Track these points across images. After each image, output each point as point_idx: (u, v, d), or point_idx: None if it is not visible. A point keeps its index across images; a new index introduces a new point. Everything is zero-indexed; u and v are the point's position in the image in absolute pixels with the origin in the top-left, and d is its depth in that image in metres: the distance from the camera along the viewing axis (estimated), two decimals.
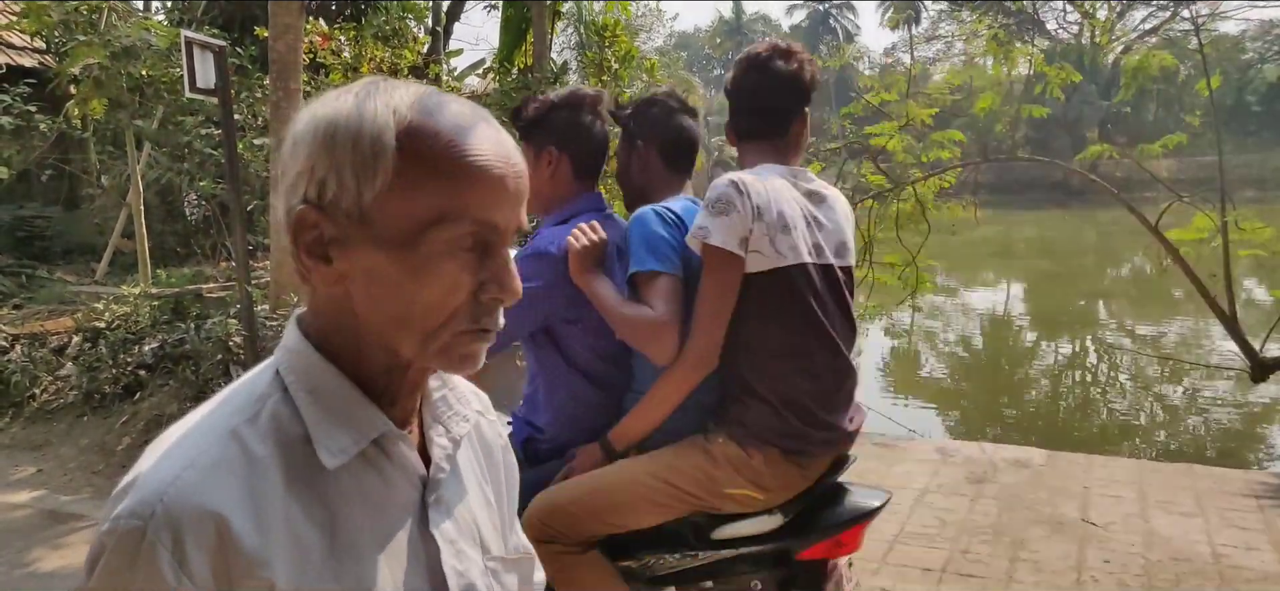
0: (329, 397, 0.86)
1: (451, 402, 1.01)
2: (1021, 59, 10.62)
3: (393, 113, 0.81)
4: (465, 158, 0.80)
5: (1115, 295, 21.52)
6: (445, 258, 0.81)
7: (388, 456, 0.90)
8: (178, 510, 0.74)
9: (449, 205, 0.80)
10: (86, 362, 6.40)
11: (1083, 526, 5.60)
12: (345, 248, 0.82)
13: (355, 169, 0.80)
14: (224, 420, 0.82)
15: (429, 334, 0.83)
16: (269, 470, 0.80)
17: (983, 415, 11.11)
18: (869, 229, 9.03)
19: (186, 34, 5.37)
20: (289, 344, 0.89)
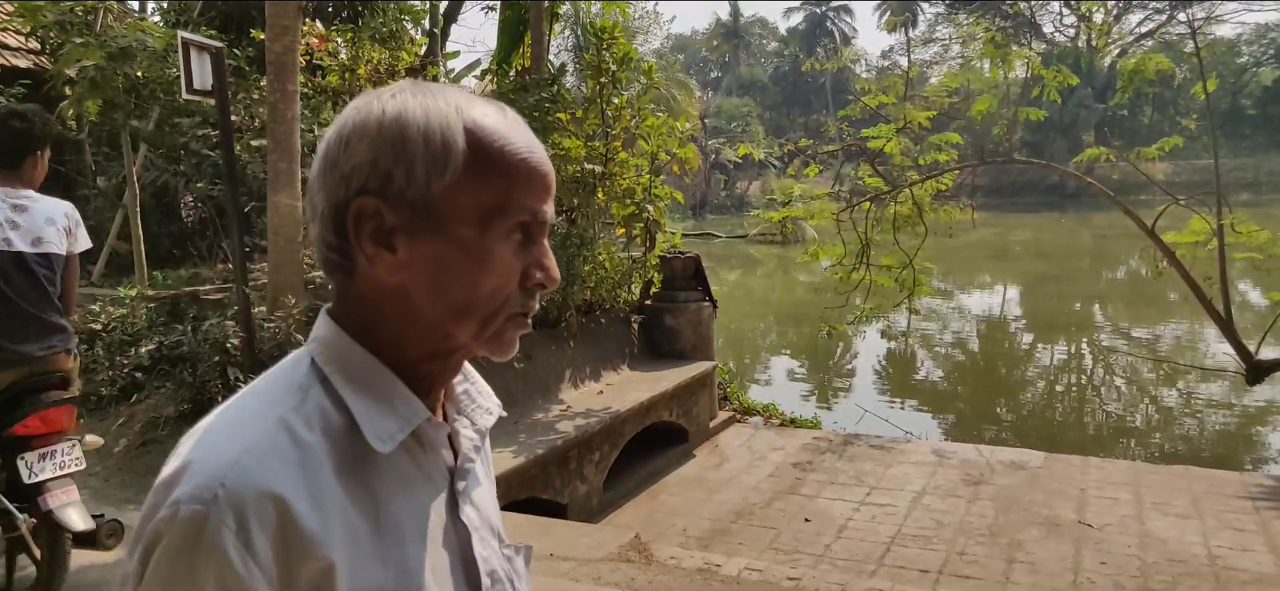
0: (371, 386, 0.88)
1: (474, 396, 1.04)
2: (1019, 62, 10.64)
3: (458, 112, 0.87)
4: (518, 154, 0.86)
5: (1111, 298, 21.56)
6: (504, 245, 0.86)
7: (422, 446, 0.92)
8: (240, 492, 0.74)
9: (508, 197, 0.86)
10: (83, 365, 6.37)
11: (1079, 528, 5.62)
12: (410, 236, 0.86)
13: (427, 162, 0.85)
14: (269, 408, 0.83)
15: (487, 318, 0.88)
16: (318, 456, 0.82)
17: (979, 417, 11.13)
18: (866, 231, 9.05)
19: (184, 35, 5.36)
20: (324, 335, 0.91)
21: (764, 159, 39.94)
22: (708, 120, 47.81)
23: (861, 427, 8.98)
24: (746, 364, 15.47)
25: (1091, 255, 29.74)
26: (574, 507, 6.08)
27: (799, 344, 16.58)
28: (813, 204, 10.27)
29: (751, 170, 47.15)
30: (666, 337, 8.29)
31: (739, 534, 5.78)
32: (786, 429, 8.34)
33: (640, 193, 8.04)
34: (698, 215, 42.99)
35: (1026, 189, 49.77)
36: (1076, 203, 46.81)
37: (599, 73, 7.71)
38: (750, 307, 21.21)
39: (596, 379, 7.53)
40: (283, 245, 6.07)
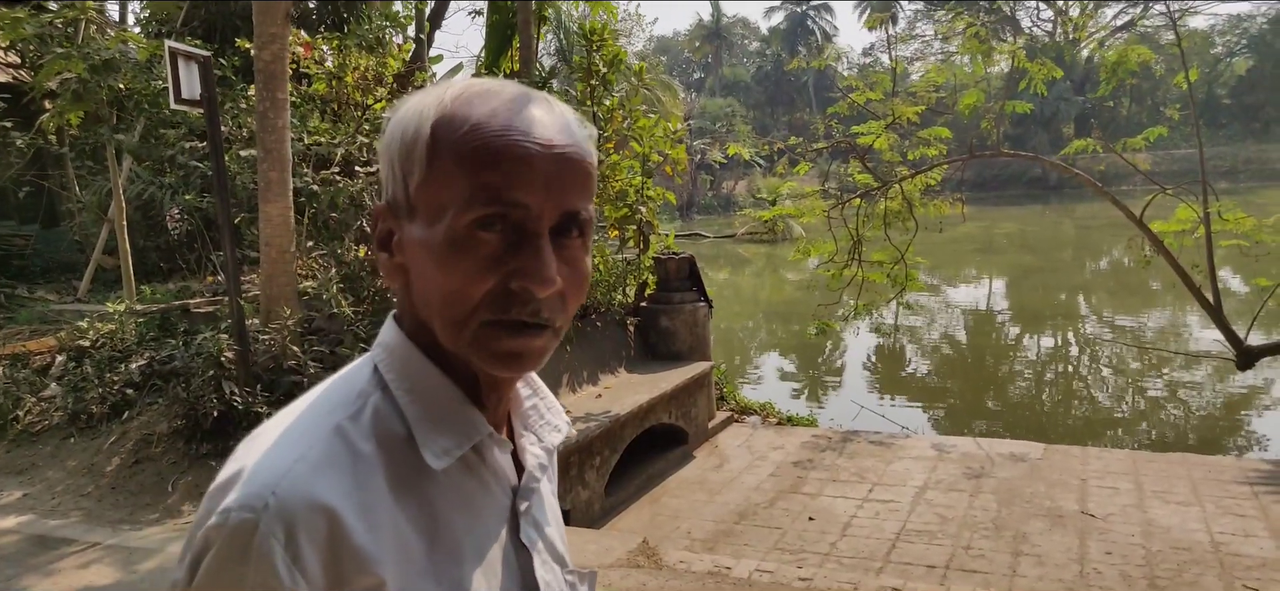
0: (430, 397, 0.84)
1: (542, 412, 0.99)
2: (1002, 56, 10.66)
3: (438, 102, 0.80)
4: (488, 137, 0.77)
5: (1096, 288, 21.70)
6: (465, 243, 0.78)
7: (484, 461, 0.88)
8: (291, 503, 0.72)
9: (471, 186, 0.77)
10: (72, 382, 6.28)
11: (1082, 518, 5.62)
12: (401, 239, 0.83)
13: (402, 162, 0.81)
14: (326, 416, 0.80)
15: (457, 323, 0.80)
16: (374, 468, 0.78)
17: (970, 411, 11.15)
18: (857, 227, 9.05)
19: (171, 44, 5.28)
20: (387, 340, 0.87)
21: (750, 158, 39.99)
22: (692, 121, 47.82)
23: (858, 424, 8.97)
24: (737, 363, 15.46)
25: (1075, 246, 29.94)
26: (576, 513, 6.03)
27: (789, 342, 16.58)
28: (803, 202, 10.28)
29: (737, 170, 47.20)
30: (663, 339, 8.25)
31: (744, 535, 5.75)
32: (785, 427, 8.32)
33: (633, 195, 8.00)
34: (685, 216, 43.00)
35: (1010, 182, 50.10)
36: (1059, 194, 47.17)
37: (589, 74, 7.67)
38: (740, 307, 21.21)
39: (594, 382, 7.48)
40: (275, 256, 5.99)
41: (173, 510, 5.33)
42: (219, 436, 5.54)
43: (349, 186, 6.99)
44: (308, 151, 7.24)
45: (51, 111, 7.52)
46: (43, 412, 6.34)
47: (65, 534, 5.07)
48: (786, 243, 26.32)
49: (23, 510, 5.50)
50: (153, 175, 8.83)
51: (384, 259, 0.85)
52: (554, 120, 0.81)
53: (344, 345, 5.88)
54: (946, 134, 8.71)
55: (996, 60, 12.24)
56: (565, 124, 0.82)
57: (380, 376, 0.85)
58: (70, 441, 6.12)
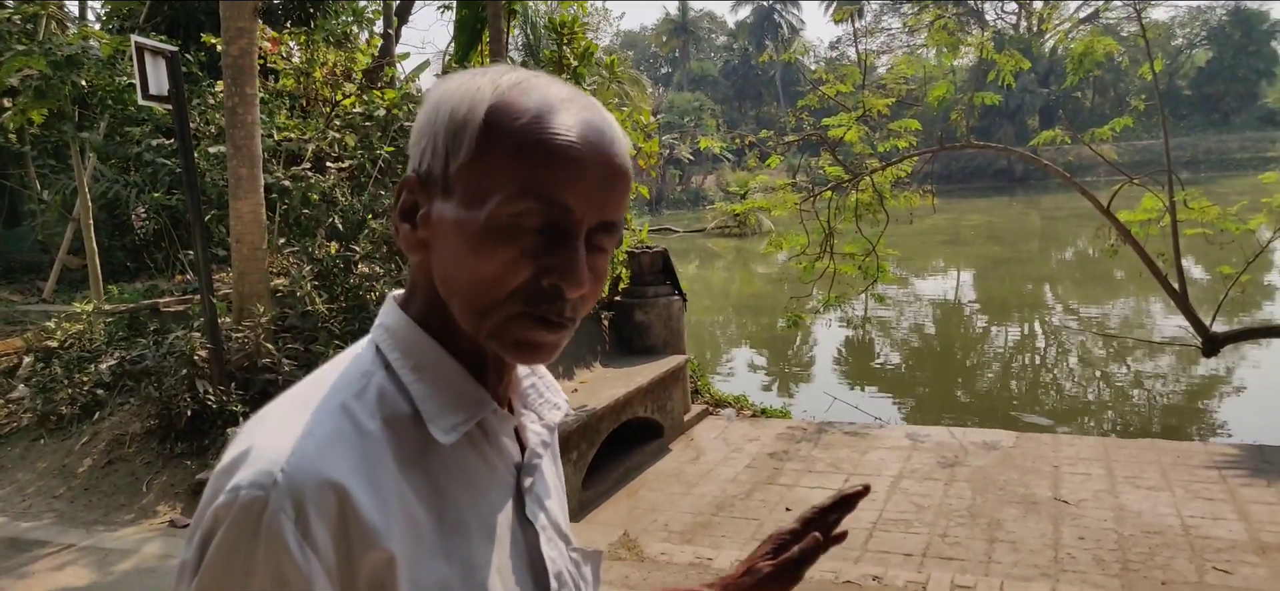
0: (434, 374, 0.84)
1: (541, 391, 1.00)
2: (968, 48, 10.77)
3: (494, 88, 0.81)
4: (542, 134, 0.78)
5: (1061, 278, 22.02)
6: (506, 233, 0.79)
7: (488, 438, 0.88)
8: (300, 480, 0.72)
9: (518, 179, 0.78)
10: (40, 383, 6.17)
11: (1056, 505, 5.71)
12: (429, 215, 0.83)
13: (447, 138, 0.81)
14: (331, 395, 0.80)
15: (482, 311, 0.81)
16: (381, 445, 0.78)
17: (939, 402, 11.28)
18: (829, 220, 9.11)
19: (137, 39, 5.19)
20: (388, 321, 0.88)
21: (720, 153, 40.11)
22: (660, 116, 47.84)
23: (831, 415, 9.04)
24: (709, 357, 15.51)
25: (1041, 237, 30.36)
26: None
27: (759, 335, 16.68)
28: (773, 195, 10.31)
29: (706, 164, 47.36)
30: (638, 333, 8.26)
31: (721, 526, 5.77)
32: (759, 420, 8.36)
33: None
34: (654, 211, 43.05)
35: (976, 174, 50.68)
36: (1025, 186, 47.81)
37: (560, 68, 7.65)
38: (710, 301, 21.28)
39: (569, 377, 7.48)
40: (246, 253, 5.93)
41: (148, 510, 5.25)
42: (193, 435, 5.47)
43: (320, 182, 6.92)
44: (278, 147, 7.16)
45: (11, 110, 7.37)
46: (10, 414, 6.23)
47: (38, 536, 4.99)
48: (756, 236, 26.45)
49: None
50: (118, 173, 8.68)
51: (406, 230, 0.85)
52: (606, 129, 0.82)
53: (318, 342, 5.83)
54: (916, 126, 8.79)
55: (963, 53, 12.37)
56: (615, 135, 0.83)
57: (383, 357, 0.85)
58: (40, 442, 6.01)
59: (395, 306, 0.89)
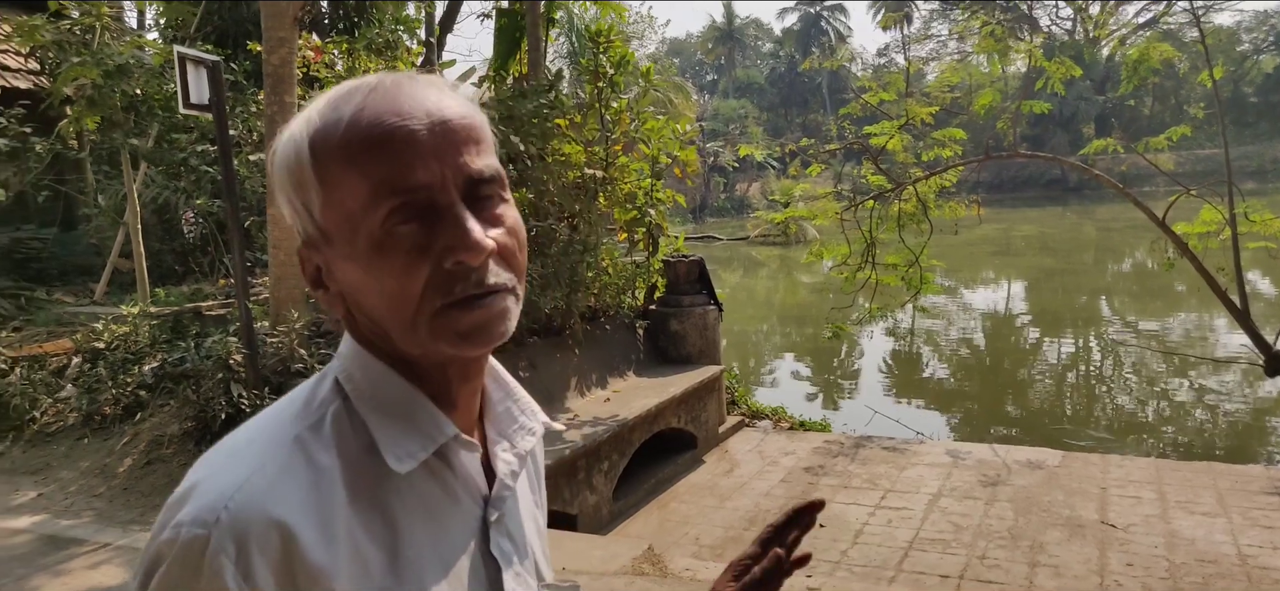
0: (392, 403, 0.82)
1: (515, 415, 0.95)
2: (1019, 55, 10.53)
3: (307, 123, 0.79)
4: (357, 132, 0.75)
5: (1118, 291, 21.46)
6: (385, 243, 0.75)
7: (451, 468, 0.85)
8: (243, 518, 0.71)
9: (362, 188, 0.75)
10: (86, 384, 6.31)
11: (1102, 528, 5.52)
12: (330, 270, 0.81)
13: (299, 193, 0.79)
14: (287, 427, 0.79)
15: (409, 323, 0.78)
16: (333, 480, 0.76)
17: (988, 415, 11.02)
18: (871, 230, 8.96)
19: (180, 50, 5.29)
20: (346, 351, 0.85)
21: (763, 160, 39.87)
22: (705, 123, 47.77)
23: (872, 429, 8.88)
24: (751, 367, 15.38)
25: (1096, 248, 29.63)
26: (584, 518, 5.99)
27: (803, 345, 16.49)
28: (815, 204, 10.19)
29: (751, 172, 47.13)
30: (672, 342, 8.20)
31: (752, 541, 5.68)
32: (796, 432, 8.24)
33: (642, 197, 7.96)
34: (698, 218, 42.93)
35: (1028, 183, 49.71)
36: (1079, 196, 46.75)
37: (596, 77, 7.63)
38: (753, 310, 21.13)
39: (603, 386, 7.44)
40: (283, 260, 6.00)
41: None
42: None
43: None
44: None
45: (68, 117, 7.56)
46: (58, 413, 6.37)
47: (76, 534, 5.08)
48: (800, 245, 26.21)
49: (36, 510, 5.52)
50: (167, 179, 8.87)
51: (321, 295, 0.83)
52: (421, 91, 0.79)
53: None
54: (961, 135, 8.61)
55: (1013, 60, 12.11)
56: (437, 92, 0.80)
57: (340, 387, 0.83)
58: (84, 442, 6.15)
59: (349, 336, 0.86)
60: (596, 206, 7.77)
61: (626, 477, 6.57)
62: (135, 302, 7.62)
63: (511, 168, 7.13)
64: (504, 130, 6.92)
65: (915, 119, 8.64)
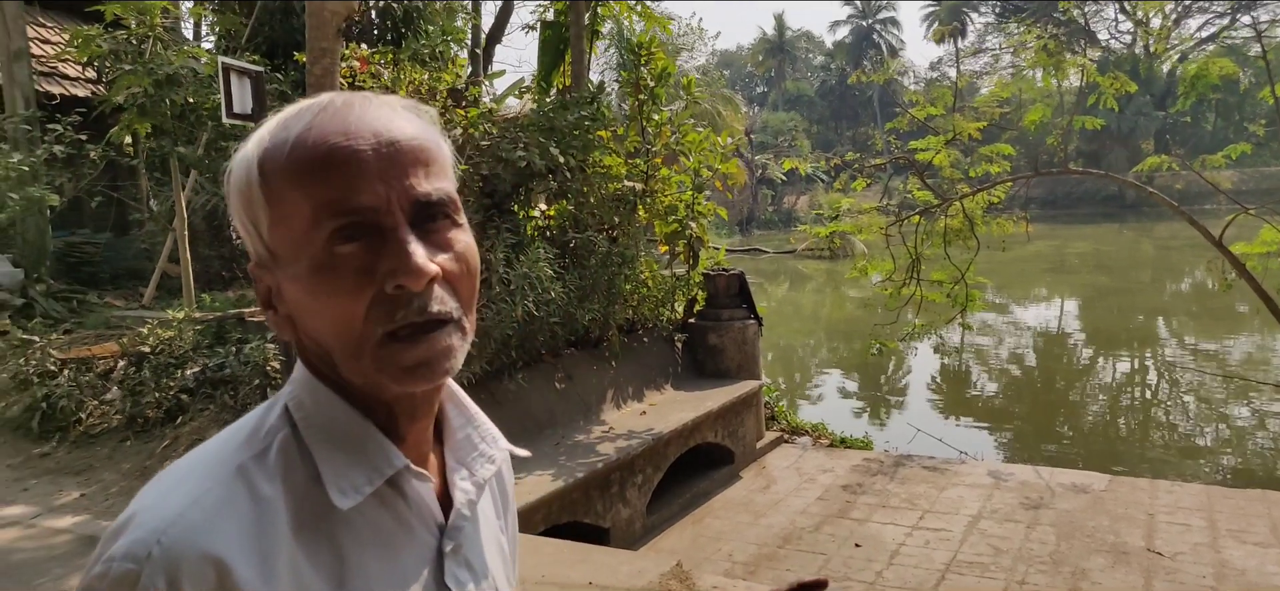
0: (341, 433, 0.80)
1: (475, 442, 0.93)
2: (1073, 69, 10.32)
3: (258, 142, 0.78)
4: (306, 153, 0.74)
5: (1175, 311, 20.87)
6: (329, 265, 0.74)
7: (404, 498, 0.83)
8: (176, 552, 0.69)
9: (306, 208, 0.74)
10: (130, 387, 6.45)
11: (1148, 556, 5.33)
12: (280, 291, 0.79)
13: (248, 214, 0.79)
14: (230, 457, 0.77)
15: (353, 349, 0.76)
16: (276, 512, 0.75)
17: (1039, 434, 10.76)
18: (916, 246, 8.82)
19: (224, 60, 5.39)
20: (297, 377, 0.84)
21: (812, 173, 39.58)
22: (754, 135, 47.59)
23: (914, 447, 8.71)
24: (796, 381, 15.23)
25: (1154, 266, 28.86)
26: (617, 532, 5.95)
27: (850, 360, 16.28)
28: (861, 218, 10.07)
29: (799, 185, 46.81)
30: (711, 356, 8.13)
31: (786, 559, 5.60)
32: (836, 449, 8.11)
33: (683, 209, 7.92)
34: (745, 231, 42.75)
35: (1083, 200, 48.65)
36: (1136, 213, 45.61)
37: (637, 89, 7.62)
38: (800, 324, 20.94)
39: (639, 399, 7.41)
40: None
41: None
42: None
43: None
44: None
45: (120, 126, 7.77)
46: (103, 415, 6.51)
47: None
48: (847, 259, 25.93)
49: (78, 510, 5.63)
50: (216, 186, 9.05)
51: (271, 316, 0.82)
52: (372, 112, 0.77)
53: None
54: (1009, 151, 8.43)
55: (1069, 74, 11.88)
56: (389, 113, 0.78)
57: (290, 415, 0.81)
58: (126, 443, 6.27)
59: (302, 363, 0.84)
60: (636, 218, 7.75)
61: (661, 492, 6.52)
62: (181, 308, 7.78)
63: (552, 179, 7.14)
64: (543, 141, 6.94)
65: (962, 134, 8.50)
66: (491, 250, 6.36)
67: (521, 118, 7.69)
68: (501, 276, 6.17)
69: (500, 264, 6.21)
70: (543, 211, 7.69)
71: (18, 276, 7.77)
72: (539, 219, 7.57)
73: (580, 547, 4.92)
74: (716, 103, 32.93)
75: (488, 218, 6.98)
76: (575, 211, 7.34)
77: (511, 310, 6.00)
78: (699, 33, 53.43)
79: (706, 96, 27.64)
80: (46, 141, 8.19)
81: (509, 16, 14.90)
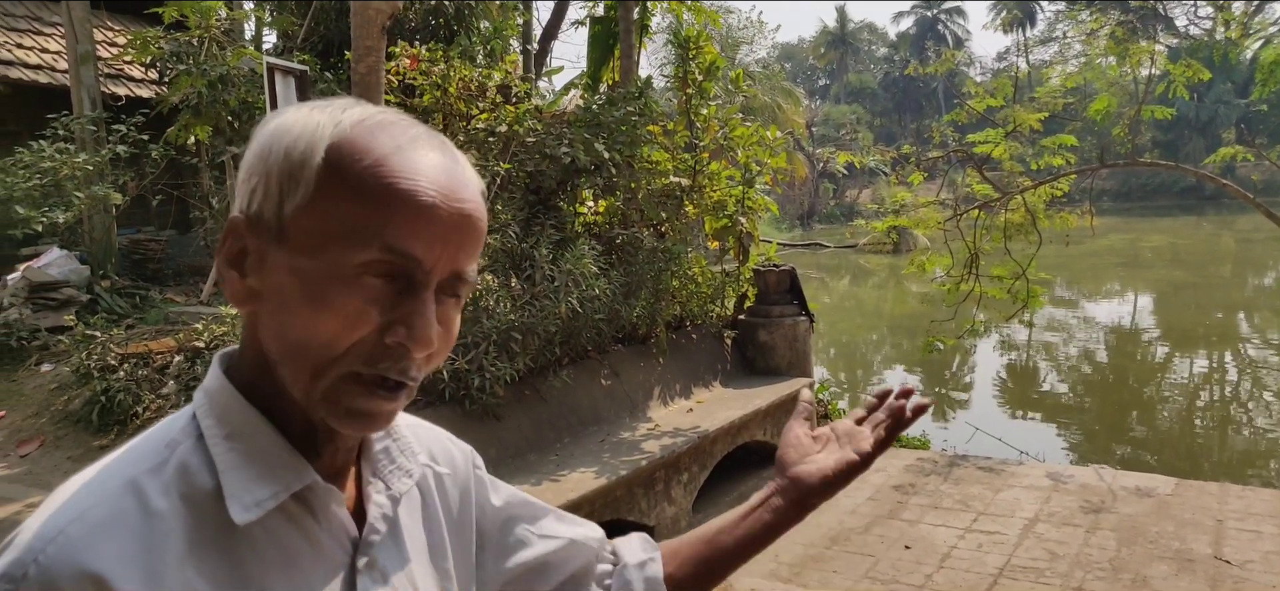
0: (247, 445, 0.77)
1: (394, 455, 0.90)
2: (1145, 58, 9.93)
3: (335, 125, 0.74)
4: (388, 177, 0.72)
5: (1258, 306, 20.02)
6: (349, 283, 0.71)
7: (313, 514, 0.79)
8: (54, 571, 0.66)
9: (361, 223, 0.71)
10: (185, 381, 6.58)
11: (1215, 564, 5.08)
12: (261, 262, 0.75)
13: (281, 178, 0.74)
14: (124, 469, 0.74)
15: (315, 370, 0.73)
16: (169, 527, 0.71)
17: (1109, 434, 10.41)
18: (974, 241, 8.56)
19: (269, 60, 5.47)
20: (208, 385, 0.80)
21: (874, 166, 38.95)
22: (815, 128, 47.04)
23: (972, 447, 8.47)
24: (859, 377, 15.00)
25: (1234, 261, 27.76)
26: (661, 530, 5.88)
27: (913, 356, 15.97)
28: (919, 212, 9.83)
29: (862, 178, 46.17)
30: (761, 353, 8.01)
31: (833, 561, 5.47)
32: (890, 448, 7.91)
33: (732, 204, 7.81)
34: (806, 225, 42.28)
35: (1159, 192, 47.04)
36: (1216, 205, 43.92)
37: (685, 83, 7.53)
38: (862, 319, 20.65)
39: (686, 396, 7.33)
40: None
41: None
42: None
43: None
44: None
45: (176, 126, 7.97)
46: (159, 409, 6.65)
47: None
48: (909, 254, 25.48)
49: None
50: None
51: (234, 278, 0.77)
52: (459, 172, 0.77)
53: None
54: (1071, 141, 8.12)
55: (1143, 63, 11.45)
56: (467, 178, 0.78)
57: (197, 425, 0.78)
58: None
59: (219, 369, 0.81)
60: (684, 214, 7.67)
61: (708, 490, 6.44)
62: None
63: (598, 175, 7.10)
64: (589, 137, 6.90)
65: (1023, 126, 8.22)
66: (536, 246, 6.35)
67: (568, 114, 7.66)
68: (546, 273, 6.15)
69: (545, 261, 6.19)
70: (592, 207, 7.65)
71: (84, 273, 8.00)
72: (587, 214, 7.54)
73: None
74: (776, 96, 32.61)
75: (532, 214, 6.98)
76: (623, 207, 7.29)
77: (555, 307, 5.98)
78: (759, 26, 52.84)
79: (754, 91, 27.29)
80: (111, 141, 8.44)
81: (565, 12, 14.94)
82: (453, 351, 5.88)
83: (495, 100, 7.84)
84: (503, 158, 6.73)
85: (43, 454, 6.10)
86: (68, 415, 6.48)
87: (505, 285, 6.48)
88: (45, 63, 10.19)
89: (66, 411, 6.53)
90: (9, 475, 5.76)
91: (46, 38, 10.61)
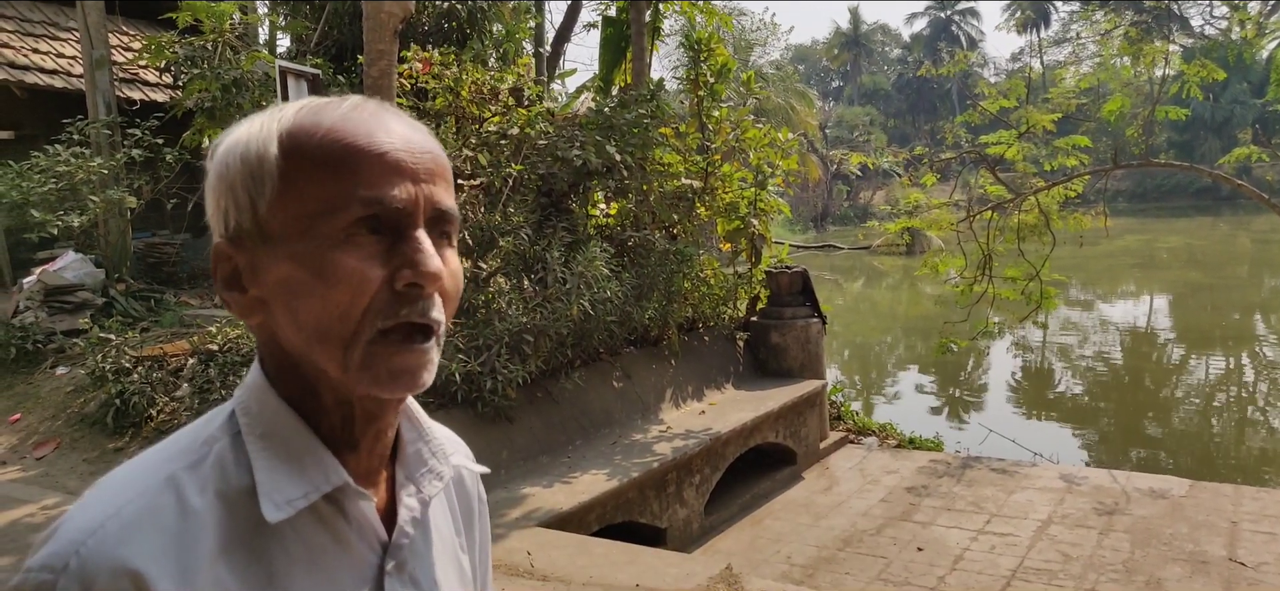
0: (282, 443, 0.78)
1: (425, 457, 0.91)
2: (1159, 58, 9.87)
3: (278, 121, 0.77)
4: (345, 138, 0.75)
5: (1275, 308, 19.85)
6: (343, 248, 0.74)
7: (344, 515, 0.81)
8: (93, 565, 0.68)
9: (333, 190, 0.74)
10: (199, 384, 6.62)
11: (1229, 566, 5.04)
12: (256, 269, 0.77)
13: (246, 184, 0.76)
14: (164, 465, 0.75)
15: (344, 342, 0.75)
16: (204, 524, 0.73)
17: (1124, 436, 10.34)
18: (987, 242, 8.53)
19: (281, 63, 5.49)
20: (248, 381, 0.82)
21: (888, 168, 38.83)
22: (828, 130, 46.95)
23: (986, 448, 8.44)
24: (872, 379, 14.95)
25: (1251, 261, 27.52)
26: (673, 532, 5.88)
27: (927, 358, 15.91)
28: (933, 214, 9.80)
29: (875, 179, 46.02)
30: (773, 355, 8.00)
31: (845, 562, 5.46)
32: (903, 450, 7.90)
33: (744, 206, 7.80)
34: (819, 227, 42.18)
35: (1175, 192, 46.71)
36: (1232, 205, 43.57)
37: (696, 85, 7.52)
38: (876, 321, 20.58)
39: (699, 398, 7.32)
40: None
41: None
42: None
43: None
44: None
45: (191, 130, 8.02)
46: (173, 412, 6.70)
47: None
48: (923, 255, 25.39)
49: None
50: None
51: (235, 298, 0.79)
52: (406, 120, 0.80)
53: (443, 355, 5.95)
54: (1085, 142, 8.08)
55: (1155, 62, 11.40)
56: (416, 124, 0.80)
57: (235, 422, 0.79)
58: None
59: (259, 367, 0.82)
60: (696, 216, 7.66)
61: (721, 492, 6.44)
62: None
63: (610, 177, 7.11)
64: (600, 140, 6.91)
65: (1036, 127, 8.18)
66: (548, 248, 6.36)
67: (580, 116, 7.67)
68: (557, 275, 6.16)
69: (557, 263, 6.20)
70: (604, 210, 7.66)
71: (99, 276, 8.05)
72: (600, 217, 7.54)
73: (630, 549, 4.87)
74: (789, 97, 32.55)
75: (545, 216, 6.98)
76: (635, 209, 7.29)
77: (567, 309, 5.99)
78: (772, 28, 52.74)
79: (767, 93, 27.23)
80: (126, 146, 8.50)
81: (577, 15, 14.94)
82: (465, 354, 5.90)
83: (507, 103, 7.86)
84: (515, 160, 6.75)
85: (59, 456, 6.14)
86: (83, 418, 6.53)
87: (517, 287, 6.50)
88: (61, 67, 10.28)
89: (82, 414, 6.58)
90: (26, 477, 5.81)
91: (62, 42, 10.71)
